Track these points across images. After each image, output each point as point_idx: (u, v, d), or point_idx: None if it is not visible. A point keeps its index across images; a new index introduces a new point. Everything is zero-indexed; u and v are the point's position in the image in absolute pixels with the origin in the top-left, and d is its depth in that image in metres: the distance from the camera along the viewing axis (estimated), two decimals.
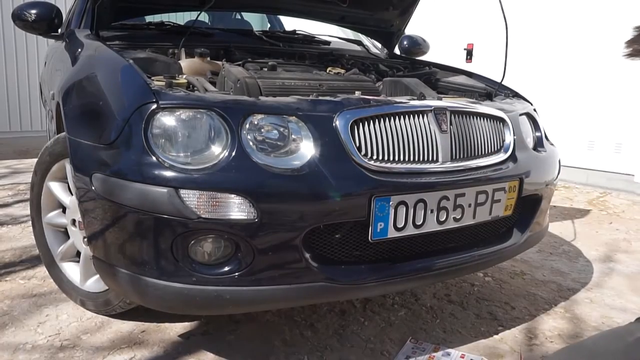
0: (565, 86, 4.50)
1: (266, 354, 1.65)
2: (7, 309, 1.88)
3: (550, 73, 4.59)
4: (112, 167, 1.41)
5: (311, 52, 2.49)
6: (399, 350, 1.70)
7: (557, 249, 2.82)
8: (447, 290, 2.19)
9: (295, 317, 1.88)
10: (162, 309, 1.53)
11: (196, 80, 1.69)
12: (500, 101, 2.03)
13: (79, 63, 1.88)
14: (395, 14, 2.75)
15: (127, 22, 2.42)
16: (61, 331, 1.75)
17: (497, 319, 1.96)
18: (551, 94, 4.51)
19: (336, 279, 1.46)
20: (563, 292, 2.24)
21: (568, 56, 4.48)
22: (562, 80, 4.52)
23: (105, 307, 1.78)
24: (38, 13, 2.29)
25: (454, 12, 5.25)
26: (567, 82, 4.49)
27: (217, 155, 1.36)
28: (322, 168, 1.40)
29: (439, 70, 2.52)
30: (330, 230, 1.47)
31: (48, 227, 1.96)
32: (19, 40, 5.64)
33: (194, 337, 1.73)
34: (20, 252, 2.43)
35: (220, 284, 1.39)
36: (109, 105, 1.51)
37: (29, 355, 1.61)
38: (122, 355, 1.62)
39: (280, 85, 1.66)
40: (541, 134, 2.07)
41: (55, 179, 1.90)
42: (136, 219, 1.37)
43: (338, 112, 1.48)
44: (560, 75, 4.53)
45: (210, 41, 2.39)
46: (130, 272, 1.43)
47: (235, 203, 1.32)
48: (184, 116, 1.39)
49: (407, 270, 1.57)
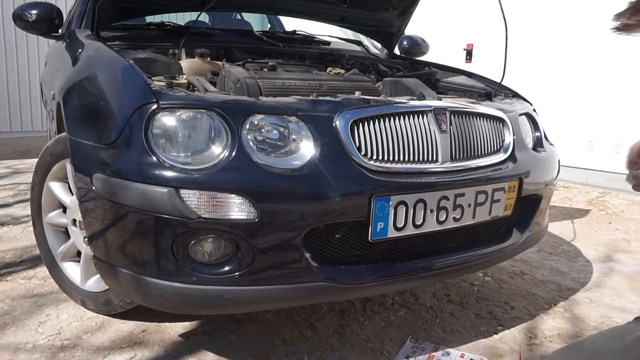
0: (564, 86, 4.50)
1: (266, 354, 1.66)
2: (8, 309, 1.89)
3: (549, 73, 4.59)
4: (112, 167, 1.41)
5: (311, 53, 2.50)
6: (399, 349, 1.70)
7: (557, 248, 2.82)
8: (446, 290, 2.19)
9: (295, 316, 1.89)
10: (162, 308, 1.53)
11: (196, 81, 1.70)
12: (499, 101, 2.04)
13: (79, 63, 1.88)
14: (395, 14, 2.75)
15: (128, 23, 2.43)
16: (62, 331, 1.75)
17: (497, 318, 1.97)
18: (551, 94, 4.51)
19: (336, 278, 1.47)
20: (562, 292, 2.24)
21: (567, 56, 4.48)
22: (562, 81, 4.52)
23: (105, 306, 1.79)
24: (39, 13, 2.29)
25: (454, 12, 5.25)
26: (566, 82, 4.49)
27: (217, 155, 1.37)
28: (322, 168, 1.41)
29: (438, 70, 2.52)
30: (330, 230, 1.47)
31: (49, 227, 1.97)
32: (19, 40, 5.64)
33: (194, 337, 1.74)
34: (21, 252, 2.43)
35: (221, 283, 1.39)
36: (110, 105, 1.51)
37: (29, 354, 1.61)
38: (123, 354, 1.62)
39: (281, 85, 1.66)
40: (541, 134, 2.08)
41: (55, 179, 1.90)
42: (137, 218, 1.38)
43: (338, 112, 1.48)
44: (559, 76, 4.54)
45: (210, 41, 2.39)
46: (131, 271, 1.43)
47: (236, 203, 1.32)
48: (185, 116, 1.39)
49: (407, 270, 1.57)
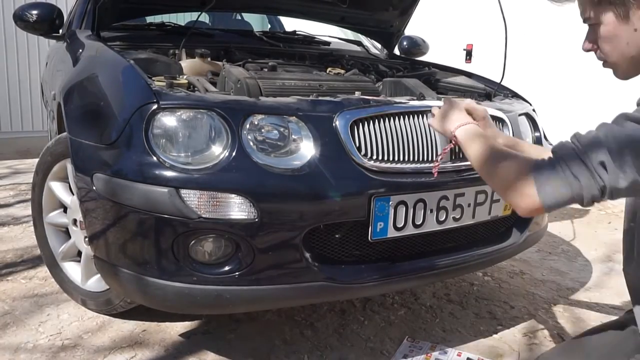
0: (563, 87, 4.51)
1: (267, 353, 1.66)
2: (9, 309, 1.90)
3: (549, 74, 4.60)
4: (113, 167, 1.42)
5: (311, 53, 2.50)
6: (397, 349, 1.70)
7: (556, 248, 2.83)
8: (446, 289, 2.19)
9: (295, 316, 1.89)
10: (163, 308, 1.54)
11: (197, 81, 1.70)
12: (499, 101, 2.04)
13: (80, 63, 1.89)
14: (395, 14, 2.76)
15: (128, 23, 2.43)
16: (62, 330, 1.76)
17: (497, 318, 1.97)
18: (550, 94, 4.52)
19: (336, 278, 1.47)
20: (562, 292, 2.25)
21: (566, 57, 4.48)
22: (561, 81, 4.53)
23: (106, 306, 1.79)
24: (39, 14, 2.30)
25: (454, 12, 5.26)
26: (565, 82, 4.50)
27: (217, 155, 1.37)
28: (322, 168, 1.41)
29: (438, 70, 2.52)
30: (330, 230, 1.47)
31: (49, 226, 1.97)
32: (20, 40, 5.64)
33: (194, 336, 1.74)
34: (21, 252, 2.44)
35: (221, 283, 1.40)
36: (110, 105, 1.52)
37: (30, 354, 1.62)
38: (123, 354, 1.63)
39: (281, 85, 1.66)
40: (540, 134, 2.08)
41: (56, 179, 1.91)
42: (137, 218, 1.38)
43: (338, 112, 1.48)
44: (558, 76, 4.54)
45: (210, 42, 2.40)
46: (132, 271, 1.44)
47: (236, 203, 1.33)
48: (185, 116, 1.40)
49: (407, 270, 1.57)
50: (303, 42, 2.78)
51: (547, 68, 4.63)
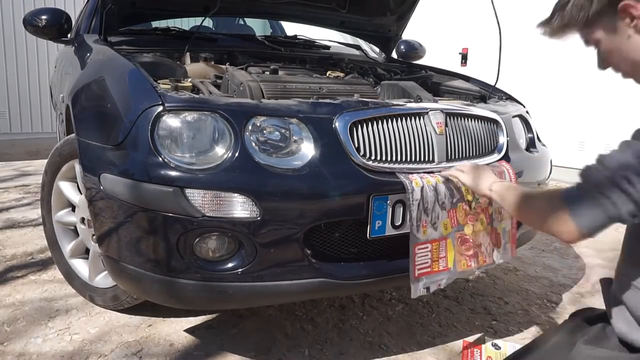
0: (556, 89, 4.55)
1: (268, 347, 1.71)
2: (19, 304, 1.94)
3: (542, 76, 4.63)
4: (120, 167, 1.46)
5: (311, 56, 2.55)
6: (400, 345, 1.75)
7: (549, 246, 2.88)
8: None
9: (296, 311, 1.94)
10: (168, 304, 1.59)
11: (201, 84, 1.74)
12: (494, 103, 2.08)
13: (87, 67, 1.94)
14: (393, 19, 2.80)
15: (135, 28, 2.48)
16: (71, 325, 1.81)
17: (491, 313, 2.02)
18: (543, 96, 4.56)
19: (336, 275, 1.51)
20: (554, 288, 2.30)
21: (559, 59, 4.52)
22: (554, 84, 4.57)
23: (113, 302, 1.84)
24: (48, 19, 2.36)
25: (450, 17, 5.31)
26: (558, 85, 4.54)
27: (221, 155, 1.41)
28: (322, 168, 1.45)
29: (434, 73, 2.57)
30: (330, 228, 1.52)
31: (58, 225, 2.02)
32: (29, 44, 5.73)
33: (198, 331, 1.79)
34: (31, 250, 2.49)
35: (224, 280, 1.44)
36: (117, 107, 1.56)
37: (39, 348, 1.67)
38: (130, 348, 1.67)
39: (282, 88, 1.70)
40: (533, 135, 2.13)
41: (65, 179, 1.95)
42: (143, 217, 1.42)
43: (337, 114, 1.52)
44: (551, 79, 4.58)
45: (214, 46, 2.44)
46: (138, 268, 1.48)
47: (239, 202, 1.37)
48: (189, 118, 1.44)
49: (405, 267, 1.62)
50: (304, 46, 2.84)
51: (539, 71, 4.67)
